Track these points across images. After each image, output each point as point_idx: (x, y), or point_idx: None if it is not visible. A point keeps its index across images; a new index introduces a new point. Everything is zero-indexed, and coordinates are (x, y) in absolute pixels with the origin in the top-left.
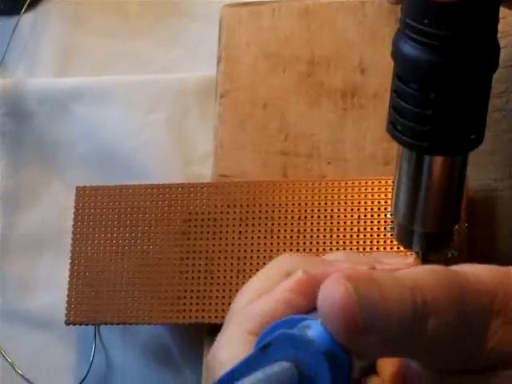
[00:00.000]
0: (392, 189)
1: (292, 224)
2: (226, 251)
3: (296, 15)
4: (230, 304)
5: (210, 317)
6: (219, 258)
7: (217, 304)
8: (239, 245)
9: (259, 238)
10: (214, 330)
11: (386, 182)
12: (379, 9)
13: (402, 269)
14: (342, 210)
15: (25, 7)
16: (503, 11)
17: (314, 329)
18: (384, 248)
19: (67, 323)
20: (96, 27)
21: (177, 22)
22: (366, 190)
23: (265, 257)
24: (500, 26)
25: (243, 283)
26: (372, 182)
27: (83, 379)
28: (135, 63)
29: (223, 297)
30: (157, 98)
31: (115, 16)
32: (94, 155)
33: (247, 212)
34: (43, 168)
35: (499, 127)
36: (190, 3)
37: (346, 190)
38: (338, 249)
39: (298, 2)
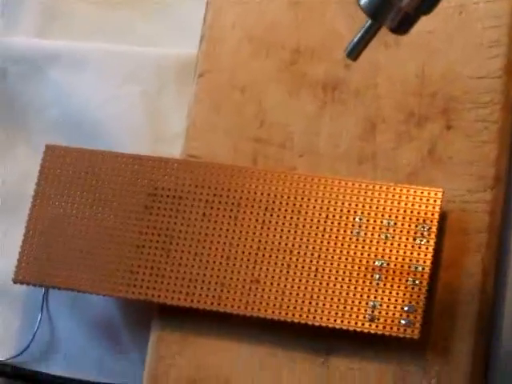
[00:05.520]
0: None
1: (258, 214)
2: (187, 232)
3: (286, 2)
4: (183, 286)
5: (160, 296)
6: (179, 237)
7: (169, 284)
8: (201, 227)
9: (222, 222)
10: (163, 310)
11: (359, 185)
12: None
13: None
14: (310, 207)
15: None
16: (496, 19)
17: None
18: (347, 252)
19: (15, 281)
20: None
21: None
22: (337, 189)
23: (225, 243)
24: (493, 36)
25: (199, 267)
26: (345, 183)
27: (24, 350)
28: (117, 33)
29: (177, 278)
30: (134, 70)
31: None
32: (64, 121)
33: (214, 195)
34: (10, 129)
35: (480, 138)
36: None
37: (317, 186)
38: (300, 246)
39: None
